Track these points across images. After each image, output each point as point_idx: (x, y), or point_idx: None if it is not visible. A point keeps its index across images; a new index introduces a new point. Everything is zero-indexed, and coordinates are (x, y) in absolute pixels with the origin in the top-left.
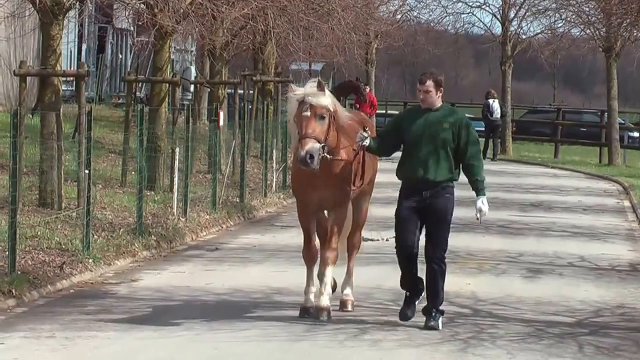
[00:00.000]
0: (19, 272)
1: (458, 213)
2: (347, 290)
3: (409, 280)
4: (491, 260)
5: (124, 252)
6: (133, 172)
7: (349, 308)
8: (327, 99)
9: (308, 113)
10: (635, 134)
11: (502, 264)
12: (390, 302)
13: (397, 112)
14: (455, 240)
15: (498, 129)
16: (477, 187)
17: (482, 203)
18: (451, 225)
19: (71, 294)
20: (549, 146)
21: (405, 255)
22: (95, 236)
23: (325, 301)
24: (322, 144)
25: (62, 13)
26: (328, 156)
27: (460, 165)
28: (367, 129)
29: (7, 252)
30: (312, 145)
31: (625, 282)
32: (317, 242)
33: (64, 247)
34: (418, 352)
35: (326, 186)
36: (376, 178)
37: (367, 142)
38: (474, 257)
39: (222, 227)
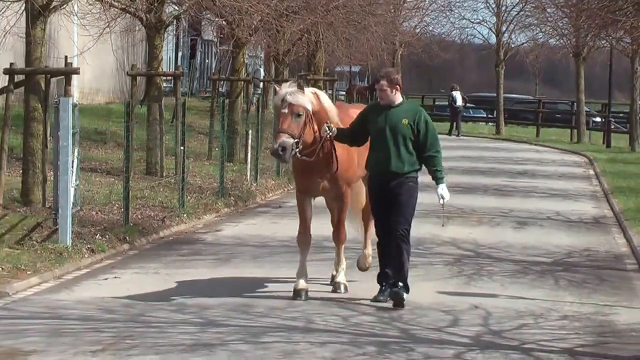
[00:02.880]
0: (132, 224)
1: (464, 179)
2: (368, 251)
3: (385, 266)
4: (488, 215)
5: (210, 209)
6: (216, 149)
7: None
8: (304, 98)
9: (286, 110)
10: (598, 119)
11: (497, 217)
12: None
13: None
14: (460, 200)
15: (459, 114)
16: (436, 176)
17: (442, 189)
18: (452, 188)
19: (170, 240)
20: (532, 128)
21: (384, 234)
22: (188, 197)
23: (341, 276)
24: (296, 140)
25: (163, 28)
26: (299, 154)
27: (421, 156)
28: (330, 124)
29: (122, 209)
30: (284, 139)
31: (590, 232)
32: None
33: (165, 205)
34: (435, 284)
35: (321, 175)
36: None
37: (333, 133)
38: (475, 213)
39: (284, 190)
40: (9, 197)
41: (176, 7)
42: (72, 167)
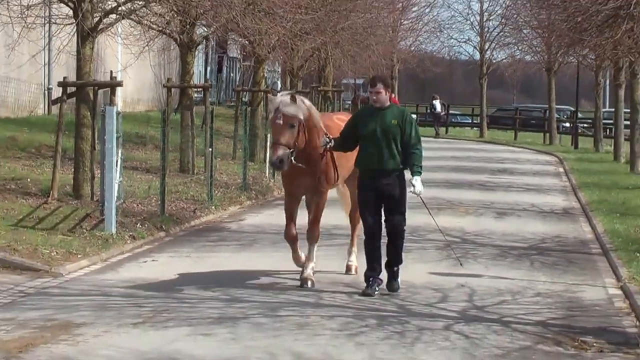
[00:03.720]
0: (167, 215)
1: (452, 176)
2: (352, 257)
3: (372, 262)
4: (473, 206)
5: (234, 202)
6: (240, 150)
7: (353, 272)
8: (297, 109)
9: (280, 121)
10: (567, 124)
11: (480, 209)
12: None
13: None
14: (449, 194)
15: (440, 119)
16: (414, 170)
17: (416, 181)
18: (442, 184)
19: (200, 228)
20: (511, 132)
21: (370, 232)
22: (215, 191)
23: (308, 272)
24: (292, 149)
25: (194, 47)
26: (294, 161)
27: (403, 153)
28: (328, 135)
29: (159, 202)
30: (282, 152)
31: (561, 221)
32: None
33: (195, 198)
34: (427, 266)
35: (306, 179)
36: None
37: (330, 145)
38: (462, 205)
39: None
40: (62, 192)
41: (205, 29)
42: (116, 165)
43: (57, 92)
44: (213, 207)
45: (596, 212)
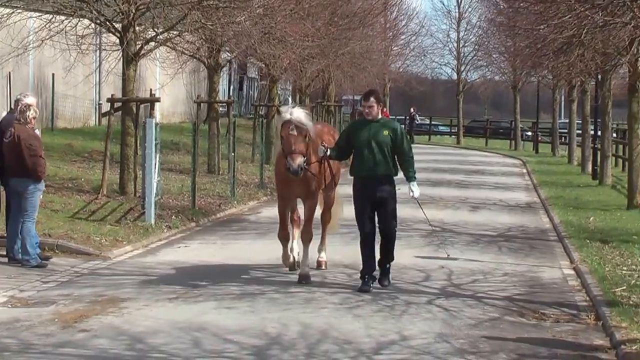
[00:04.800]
0: (197, 208)
1: (433, 176)
2: (322, 254)
3: (367, 261)
4: (451, 201)
5: (253, 198)
6: (257, 154)
7: (324, 267)
8: (309, 122)
9: (295, 132)
10: (529, 133)
11: (457, 203)
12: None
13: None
14: (431, 191)
15: (414, 128)
16: (409, 175)
17: (414, 186)
18: (425, 182)
19: (224, 220)
20: (483, 139)
21: (365, 233)
22: (237, 189)
23: (305, 270)
24: (305, 157)
25: (219, 69)
26: (305, 167)
27: (398, 161)
28: (325, 144)
29: (190, 197)
30: (300, 160)
31: (525, 213)
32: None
33: (220, 194)
34: (413, 250)
35: (300, 184)
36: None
37: (327, 153)
38: (443, 200)
39: None
40: (110, 190)
41: (229, 54)
42: (155, 167)
43: (106, 107)
44: (235, 202)
45: (553, 206)
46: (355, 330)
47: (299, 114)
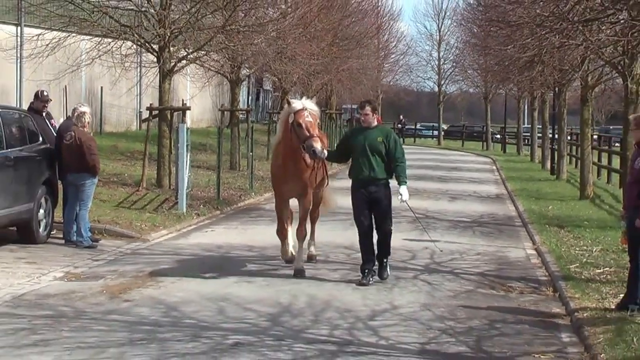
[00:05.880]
0: (221, 199)
1: (418, 172)
2: (312, 248)
3: (366, 256)
4: (433, 193)
5: (268, 190)
6: (271, 154)
7: (314, 261)
8: (318, 110)
9: (311, 119)
10: (498, 136)
11: (438, 195)
12: None
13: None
14: (417, 184)
15: (403, 132)
16: (400, 180)
17: (403, 190)
18: (411, 176)
19: (244, 208)
20: (460, 141)
21: (363, 231)
22: (255, 182)
23: (300, 264)
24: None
25: (240, 82)
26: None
27: (391, 165)
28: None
29: (215, 190)
30: (320, 143)
31: (495, 203)
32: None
33: (241, 187)
34: (401, 234)
35: (295, 181)
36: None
37: (325, 154)
38: (426, 192)
39: None
40: (149, 183)
41: (248, 70)
42: (186, 165)
43: (145, 114)
44: (253, 193)
45: (518, 197)
46: (353, 300)
47: (310, 104)
